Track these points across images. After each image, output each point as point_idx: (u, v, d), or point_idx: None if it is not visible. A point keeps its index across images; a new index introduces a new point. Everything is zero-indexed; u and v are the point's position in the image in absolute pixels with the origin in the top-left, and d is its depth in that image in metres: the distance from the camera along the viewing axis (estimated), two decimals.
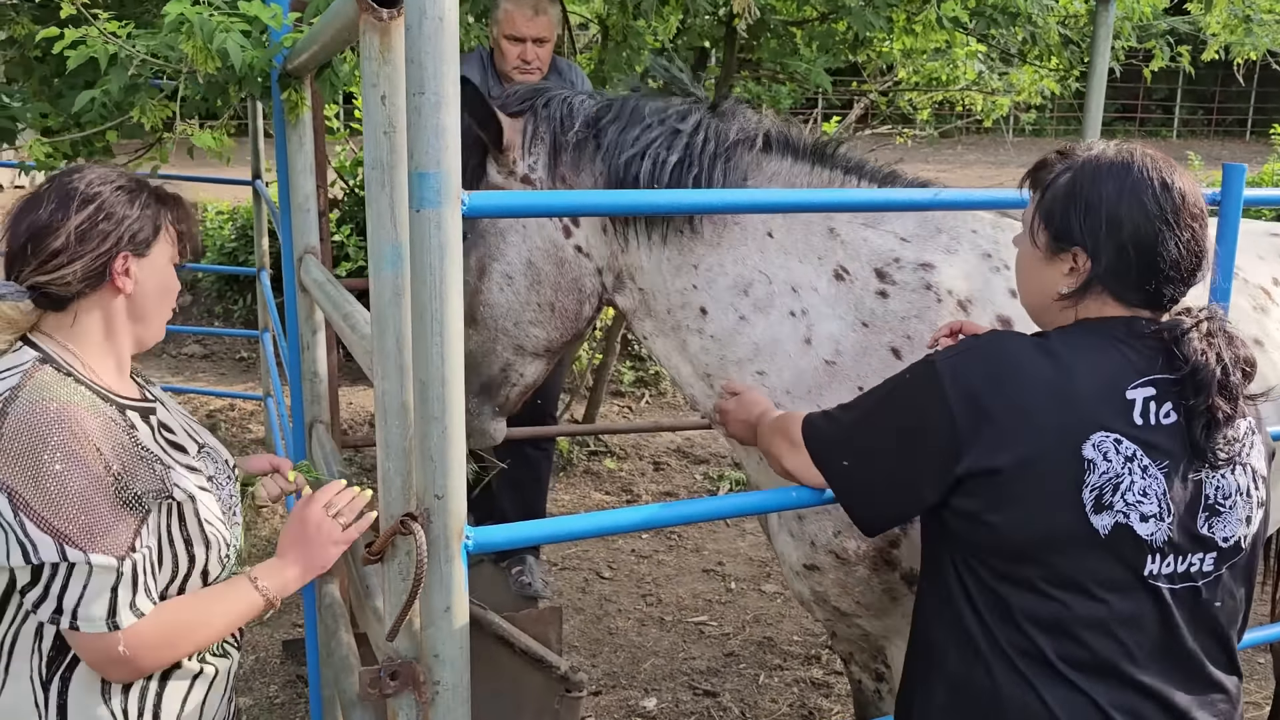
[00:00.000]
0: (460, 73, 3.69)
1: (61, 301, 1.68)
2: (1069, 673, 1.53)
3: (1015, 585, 1.54)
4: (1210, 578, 1.57)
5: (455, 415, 1.54)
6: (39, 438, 1.55)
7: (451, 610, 1.60)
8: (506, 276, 2.35)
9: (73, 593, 1.56)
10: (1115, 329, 1.58)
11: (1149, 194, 1.56)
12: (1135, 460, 1.50)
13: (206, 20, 2.47)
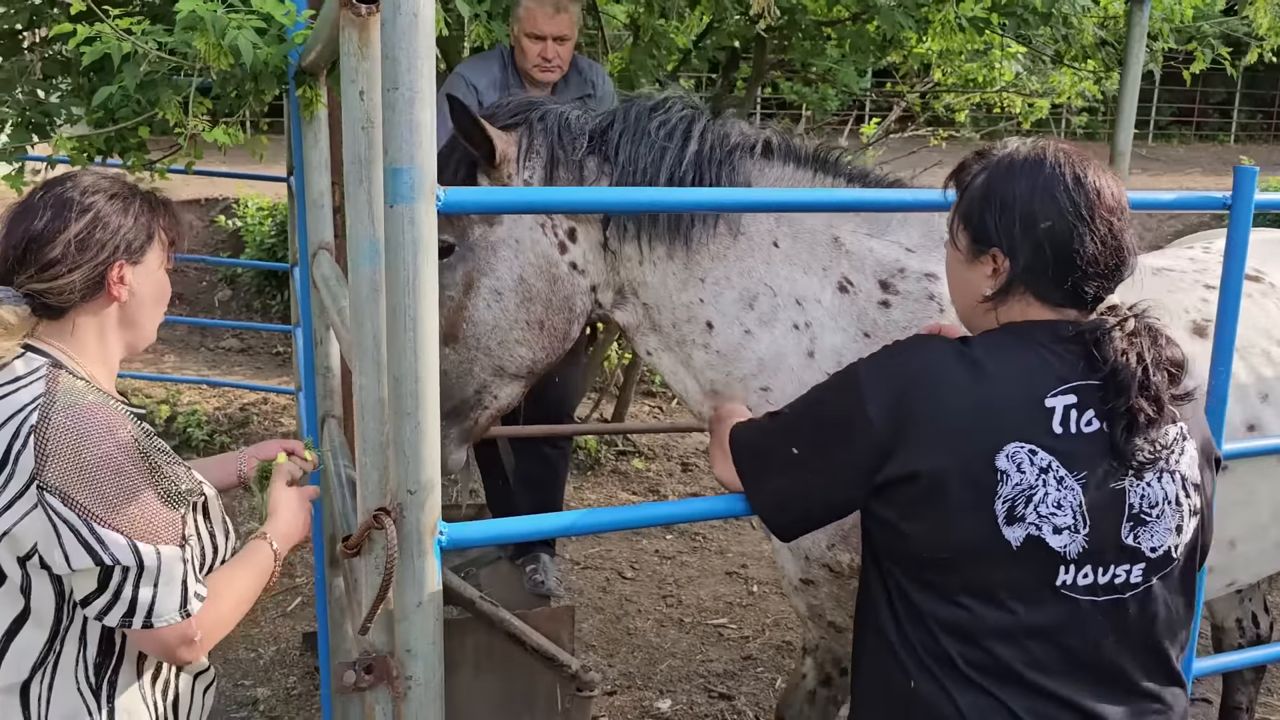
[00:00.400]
0: (479, 72, 3.69)
1: (59, 310, 1.70)
2: (978, 678, 1.51)
3: (929, 591, 1.52)
4: (1139, 589, 1.53)
5: (429, 411, 1.54)
6: (88, 441, 1.58)
7: (424, 605, 1.60)
8: (495, 293, 2.27)
9: (146, 589, 1.60)
10: (1038, 333, 1.54)
11: (1061, 190, 1.52)
12: (1050, 471, 1.47)
13: (219, 17, 2.50)
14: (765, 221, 2.29)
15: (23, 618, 1.63)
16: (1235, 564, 2.60)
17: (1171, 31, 4.93)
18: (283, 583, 4.96)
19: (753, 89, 5.28)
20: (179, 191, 9.53)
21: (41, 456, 1.56)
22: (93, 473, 1.56)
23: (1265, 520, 2.58)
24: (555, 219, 2.26)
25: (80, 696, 1.66)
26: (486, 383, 2.35)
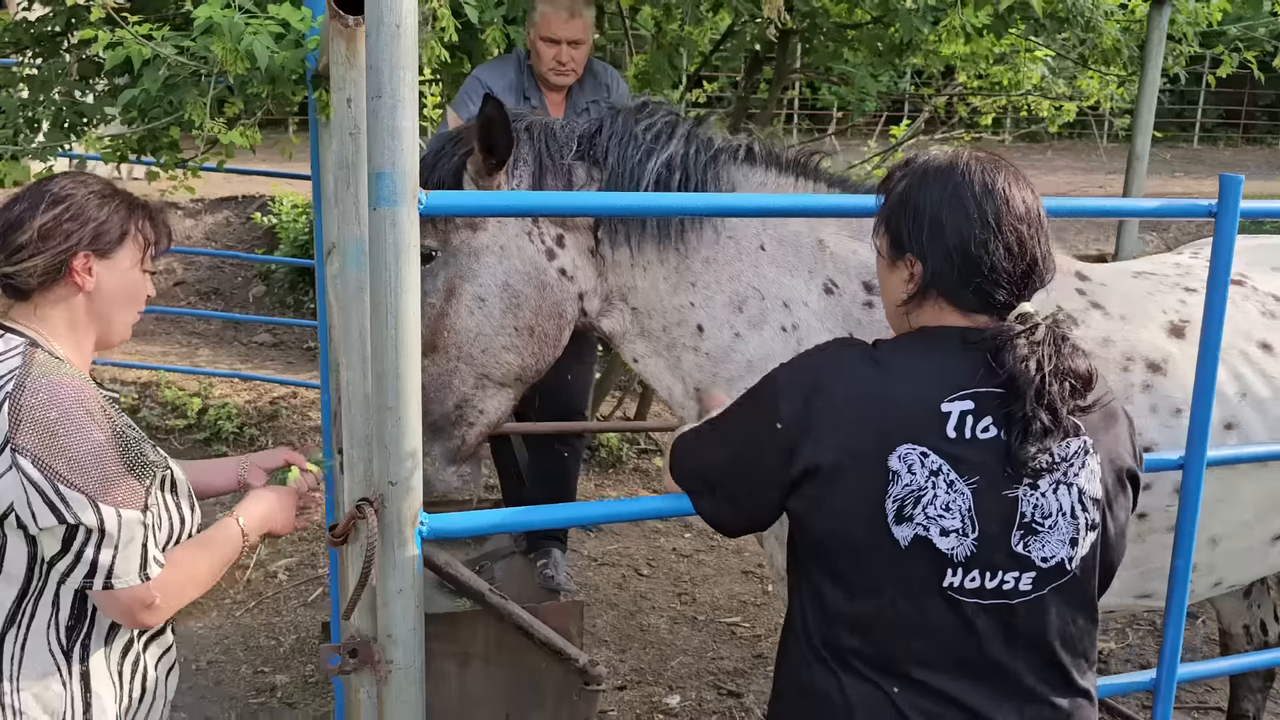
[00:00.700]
0: (494, 75, 3.75)
1: (24, 293, 1.79)
2: (867, 672, 1.55)
3: (831, 584, 1.57)
4: (1029, 597, 1.54)
5: (409, 406, 1.61)
6: (59, 410, 1.67)
7: (405, 592, 1.67)
8: (478, 299, 2.27)
9: (106, 551, 1.69)
10: (947, 338, 1.57)
11: (970, 198, 1.55)
12: (941, 474, 1.49)
13: (235, 23, 2.59)
14: (752, 226, 2.34)
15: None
16: (1219, 561, 2.60)
17: (1196, 35, 4.89)
18: (305, 573, 5.07)
19: (774, 91, 5.31)
20: (219, 189, 9.74)
21: (15, 422, 1.65)
22: (61, 438, 1.65)
23: (1249, 518, 2.58)
24: (542, 225, 2.29)
25: (51, 657, 1.75)
26: (468, 396, 2.34)
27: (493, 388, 2.34)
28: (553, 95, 3.64)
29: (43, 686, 1.73)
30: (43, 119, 3.84)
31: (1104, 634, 4.74)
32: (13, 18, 4.50)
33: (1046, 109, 6.43)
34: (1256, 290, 2.74)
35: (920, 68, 5.50)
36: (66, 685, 1.75)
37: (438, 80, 5.69)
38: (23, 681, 1.72)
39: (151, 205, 1.91)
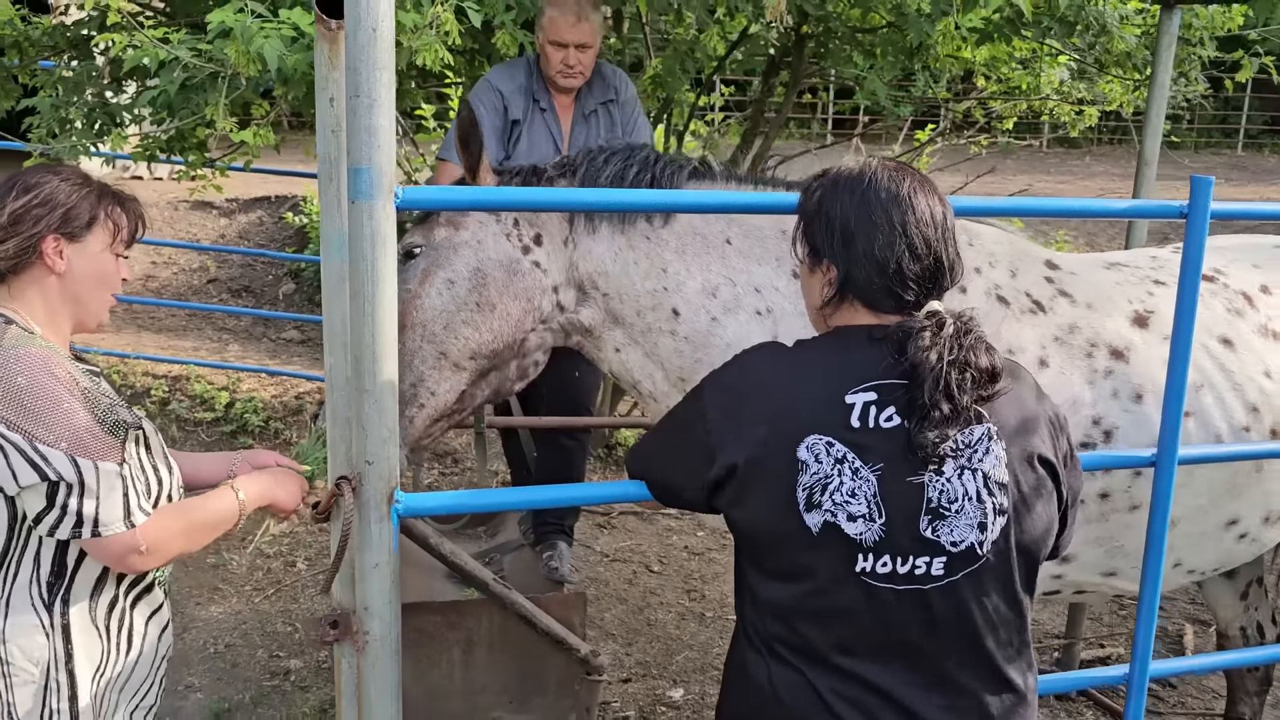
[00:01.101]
0: (505, 78, 3.85)
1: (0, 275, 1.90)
2: (789, 656, 1.61)
3: (758, 573, 1.64)
4: (942, 582, 1.59)
5: (386, 389, 1.70)
6: (28, 377, 1.78)
7: (380, 567, 1.76)
8: (449, 282, 2.43)
9: (89, 502, 1.79)
10: (857, 335, 1.64)
11: (879, 206, 1.62)
12: (846, 462, 1.56)
13: (247, 27, 2.70)
14: (718, 224, 2.49)
15: None
16: (1177, 543, 2.66)
17: (1213, 40, 4.88)
18: (323, 562, 5.20)
19: (790, 95, 5.37)
20: (252, 189, 9.95)
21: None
22: (33, 402, 1.76)
23: (1203, 502, 2.65)
24: (521, 226, 2.45)
25: (35, 612, 1.86)
26: (424, 375, 2.44)
27: (448, 368, 2.45)
28: (561, 97, 3.73)
29: (27, 638, 1.84)
30: (75, 119, 3.98)
31: (1113, 637, 4.75)
32: (51, 22, 4.68)
33: (1067, 113, 6.42)
34: (1227, 287, 2.81)
35: (937, 73, 5.52)
36: (49, 637, 1.86)
37: (460, 83, 5.81)
38: (9, 633, 1.84)
39: (123, 193, 2.01)
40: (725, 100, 6.83)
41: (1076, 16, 4.12)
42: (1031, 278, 2.63)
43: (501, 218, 2.48)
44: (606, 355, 2.60)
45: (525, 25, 3.69)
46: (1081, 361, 2.53)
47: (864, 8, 4.50)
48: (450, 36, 2.77)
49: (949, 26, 3.02)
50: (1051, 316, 2.57)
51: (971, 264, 2.58)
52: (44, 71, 4.47)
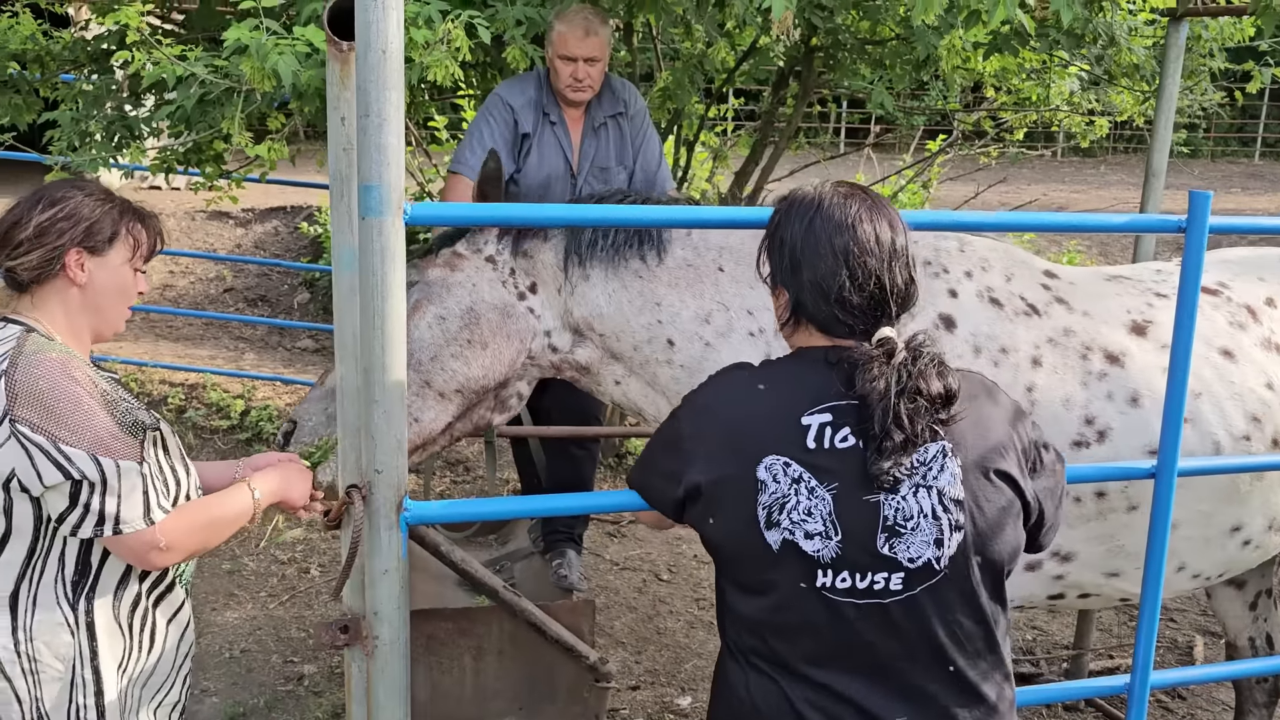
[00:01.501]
0: (515, 92, 3.90)
1: (23, 285, 1.96)
2: (764, 667, 1.66)
3: (731, 588, 1.69)
4: (901, 597, 1.62)
5: (395, 400, 1.74)
6: (48, 380, 1.84)
7: (390, 573, 1.80)
8: (439, 317, 2.50)
9: (111, 500, 1.85)
10: (814, 357, 1.68)
11: (823, 233, 1.66)
12: (803, 482, 1.60)
13: (262, 44, 2.76)
14: (709, 253, 2.58)
15: (5, 537, 1.88)
16: (1180, 547, 2.68)
17: (1223, 51, 4.90)
18: (337, 569, 5.24)
19: (799, 106, 5.40)
20: (268, 200, 10.05)
21: (11, 396, 1.82)
22: (54, 403, 1.82)
23: (1206, 508, 2.67)
24: (517, 275, 2.55)
25: (60, 610, 1.91)
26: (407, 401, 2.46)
27: (432, 397, 2.51)
28: (571, 111, 3.78)
29: (53, 635, 1.90)
30: (95, 132, 4.06)
31: (1122, 648, 4.75)
32: (72, 36, 4.76)
33: (1078, 124, 6.44)
34: (1230, 300, 2.84)
35: (947, 84, 5.55)
36: (74, 634, 1.92)
37: (472, 95, 5.88)
38: (35, 631, 1.89)
39: (144, 210, 2.08)
40: (735, 111, 6.87)
41: (1084, 29, 4.14)
42: (1027, 283, 2.69)
43: (498, 265, 2.56)
44: (606, 388, 2.69)
45: (535, 40, 3.74)
46: (1076, 362, 2.58)
47: (872, 20, 4.54)
48: (461, 53, 2.82)
49: (954, 40, 3.05)
50: (1046, 320, 2.63)
51: (963, 268, 2.64)
52: (64, 85, 4.55)
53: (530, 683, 3.67)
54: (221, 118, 3.23)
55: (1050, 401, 2.55)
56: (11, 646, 1.89)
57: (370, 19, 1.61)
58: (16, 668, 1.89)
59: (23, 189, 3.09)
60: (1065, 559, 2.66)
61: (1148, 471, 2.26)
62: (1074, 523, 2.61)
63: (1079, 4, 3.32)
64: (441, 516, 1.90)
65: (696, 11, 3.99)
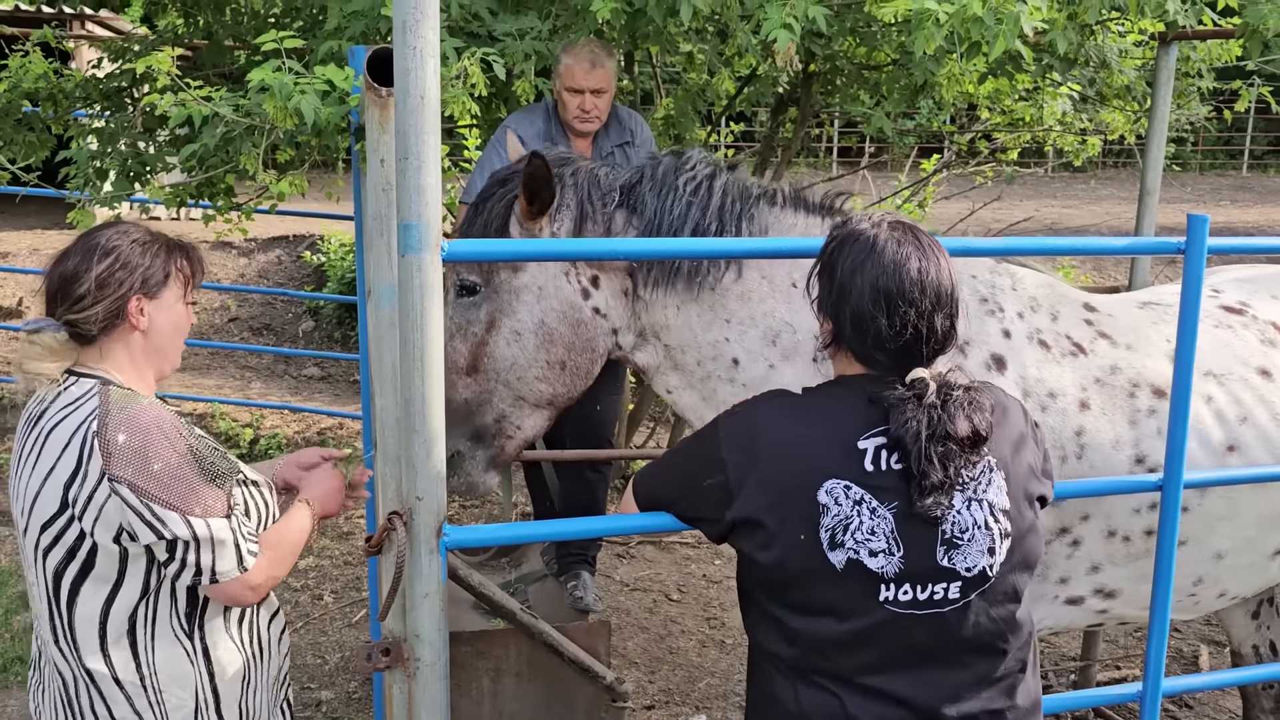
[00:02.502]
0: (524, 123, 3.98)
1: (89, 338, 2.02)
2: (819, 679, 1.72)
3: (783, 609, 1.75)
4: (958, 604, 1.72)
5: (434, 429, 1.81)
6: (143, 435, 1.91)
7: (430, 596, 1.86)
8: (515, 333, 2.48)
9: (206, 556, 1.94)
10: (857, 386, 1.76)
11: (873, 273, 1.73)
12: (864, 503, 1.68)
13: (285, 84, 2.84)
14: (784, 265, 2.50)
15: (120, 578, 1.96)
16: (1224, 574, 2.73)
17: (1211, 71, 5.01)
18: (349, 595, 5.29)
19: (799, 130, 5.50)
20: (272, 229, 10.14)
21: (107, 456, 1.88)
22: (147, 463, 1.89)
23: (1251, 534, 2.70)
24: (579, 267, 2.48)
25: (178, 641, 2.00)
26: (505, 412, 2.55)
27: (528, 408, 2.55)
28: (579, 141, 3.87)
29: (175, 666, 1.99)
30: (110, 168, 4.13)
31: (1129, 659, 4.81)
32: (84, 74, 4.85)
33: (1070, 143, 6.55)
34: (1256, 319, 2.86)
35: (941, 105, 5.66)
36: (194, 662, 2.01)
37: (477, 125, 5.97)
38: (159, 664, 1.98)
39: (186, 243, 2.15)
40: (735, 136, 6.98)
41: (1076, 54, 4.24)
42: (1071, 321, 2.67)
43: None
44: (657, 389, 2.66)
45: (542, 73, 3.84)
46: (1124, 402, 2.58)
47: (869, 46, 4.65)
48: (478, 89, 2.90)
49: (953, 69, 3.15)
50: (1092, 358, 2.61)
51: (1016, 308, 2.62)
52: (76, 122, 4.63)
53: (548, 704, 3.72)
54: (239, 153, 3.31)
55: (1100, 445, 2.54)
56: (137, 680, 1.97)
57: (409, 66, 1.69)
58: (144, 700, 1.98)
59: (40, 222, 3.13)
60: (1109, 595, 2.69)
61: (1155, 484, 2.33)
62: (1121, 561, 2.62)
63: (1073, 31, 3.42)
64: (480, 541, 1.97)
65: (698, 41, 4.08)
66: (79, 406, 1.96)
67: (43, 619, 2.01)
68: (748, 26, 3.27)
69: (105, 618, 1.96)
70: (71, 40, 5.47)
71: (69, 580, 1.95)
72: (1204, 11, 3.63)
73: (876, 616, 1.69)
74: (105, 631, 1.96)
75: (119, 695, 1.97)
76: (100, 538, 1.93)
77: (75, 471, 1.90)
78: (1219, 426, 2.62)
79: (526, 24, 3.56)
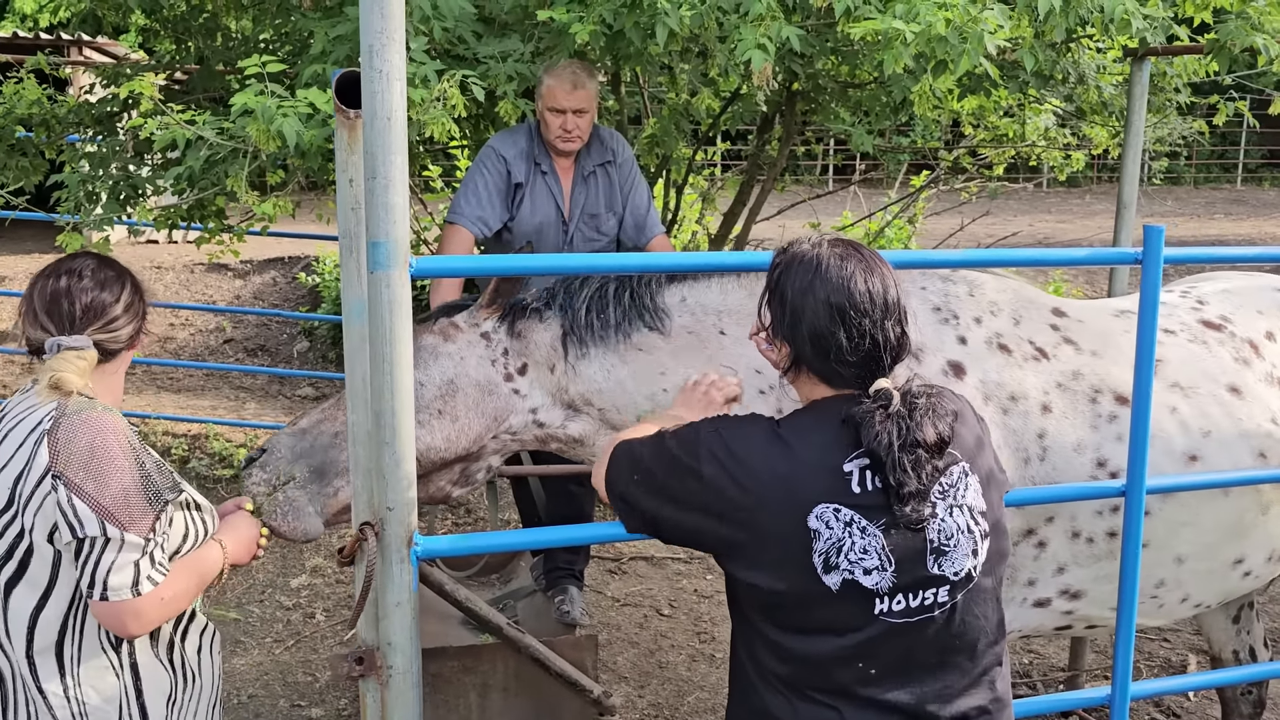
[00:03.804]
0: (508, 144, 4.05)
1: (112, 354, 2.12)
2: (819, 696, 1.76)
3: (776, 629, 1.78)
4: (946, 607, 1.77)
5: (404, 441, 1.86)
6: (88, 438, 1.96)
7: (402, 605, 1.91)
8: (418, 384, 2.48)
9: (104, 565, 1.94)
10: (831, 410, 1.79)
11: (823, 292, 1.77)
12: (854, 524, 1.71)
13: (267, 107, 2.90)
14: (709, 318, 2.61)
15: (50, 587, 1.99)
16: (1185, 578, 2.77)
17: (1186, 86, 5.08)
18: (340, 614, 5.32)
19: (784, 148, 5.57)
20: (266, 251, 10.20)
21: (54, 454, 1.94)
22: (87, 466, 1.93)
23: (1211, 541, 2.74)
24: (509, 356, 2.60)
25: (104, 654, 2.02)
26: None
27: None
28: (561, 160, 3.93)
29: (99, 679, 2.01)
30: (101, 191, 4.20)
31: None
32: (77, 99, 4.92)
33: (1055, 158, 6.62)
34: (1234, 336, 2.89)
35: (926, 123, 5.73)
36: (119, 676, 2.03)
37: (466, 146, 6.05)
38: (83, 676, 2.00)
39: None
40: (721, 153, 7.06)
41: (1051, 70, 4.31)
42: (1035, 325, 2.71)
43: (491, 343, 2.59)
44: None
45: (525, 94, 3.90)
46: (1085, 406, 2.62)
47: (851, 64, 4.72)
48: (457, 109, 2.96)
49: (925, 86, 3.22)
50: (1054, 363, 2.66)
51: (972, 314, 2.66)
52: (69, 146, 4.71)
53: (535, 718, 3.74)
54: (226, 175, 3.37)
55: (1062, 447, 2.59)
56: (61, 692, 1.99)
57: (375, 89, 1.74)
58: (66, 711, 1.99)
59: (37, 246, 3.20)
60: (1074, 596, 2.73)
61: (1118, 490, 2.37)
62: (1085, 562, 2.67)
63: (1042, 49, 3.48)
64: (449, 550, 2.01)
65: (680, 61, 4.15)
66: (38, 408, 2.02)
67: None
68: (724, 48, 3.34)
69: (34, 624, 1.99)
70: (68, 66, 5.56)
71: (5, 578, 1.99)
72: (1172, 28, 3.69)
73: (873, 629, 1.73)
74: (33, 637, 1.99)
75: (42, 703, 1.98)
76: (36, 537, 1.96)
77: (24, 469, 1.96)
78: (1182, 436, 2.67)
79: (509, 46, 3.63)
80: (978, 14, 2.73)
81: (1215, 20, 4.07)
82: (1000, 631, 1.85)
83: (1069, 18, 3.07)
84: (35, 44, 10.01)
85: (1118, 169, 4.59)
